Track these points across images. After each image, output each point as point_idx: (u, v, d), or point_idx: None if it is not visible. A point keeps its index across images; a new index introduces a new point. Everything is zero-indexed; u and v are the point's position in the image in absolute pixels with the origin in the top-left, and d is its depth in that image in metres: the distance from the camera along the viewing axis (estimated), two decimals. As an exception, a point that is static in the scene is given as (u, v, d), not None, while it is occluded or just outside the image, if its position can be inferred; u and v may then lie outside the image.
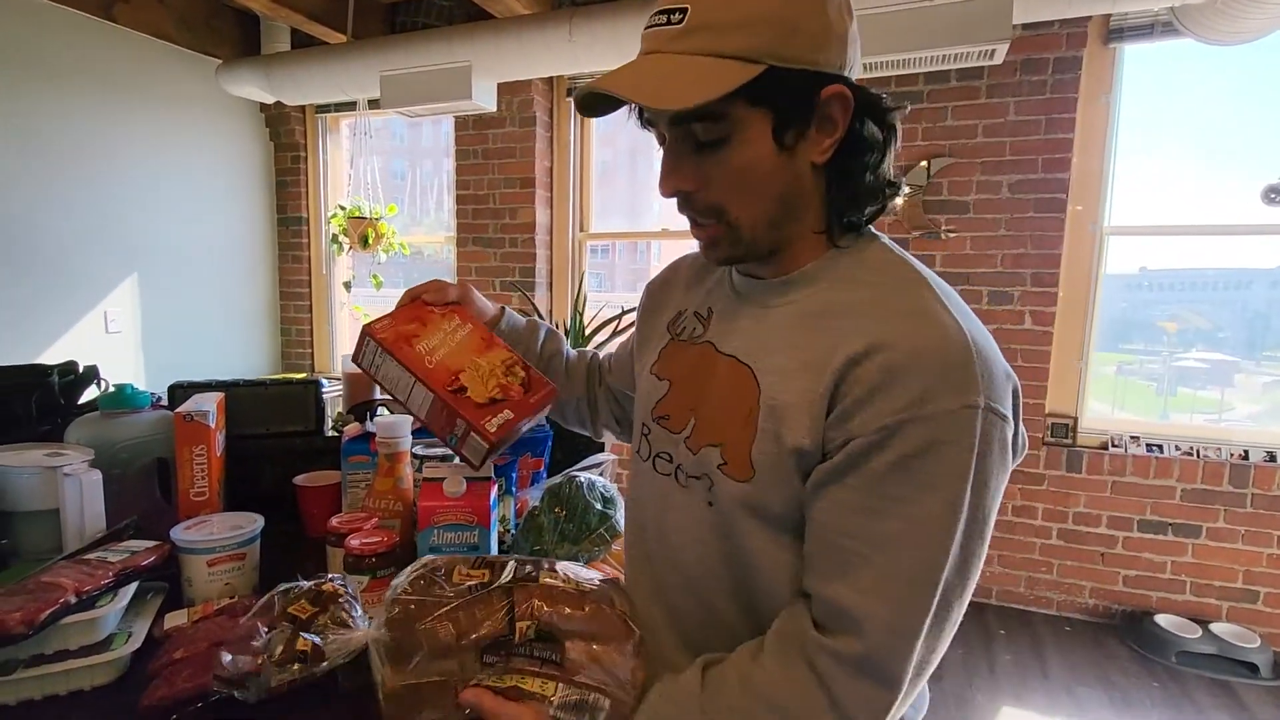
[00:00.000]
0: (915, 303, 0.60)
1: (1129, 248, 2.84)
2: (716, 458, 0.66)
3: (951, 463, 0.54)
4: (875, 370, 0.56)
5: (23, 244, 2.89)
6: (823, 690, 0.56)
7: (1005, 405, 0.57)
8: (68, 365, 1.23)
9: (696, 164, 0.63)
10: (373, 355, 0.84)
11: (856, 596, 0.56)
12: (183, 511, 1.03)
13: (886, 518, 0.56)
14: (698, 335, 0.75)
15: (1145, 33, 2.57)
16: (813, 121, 0.61)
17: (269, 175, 4.05)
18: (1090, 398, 2.84)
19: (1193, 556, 2.66)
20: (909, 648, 0.56)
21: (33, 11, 2.84)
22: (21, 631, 0.69)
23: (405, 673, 0.60)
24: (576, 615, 0.62)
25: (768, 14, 0.57)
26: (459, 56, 2.91)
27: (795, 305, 0.66)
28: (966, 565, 0.57)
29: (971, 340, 0.57)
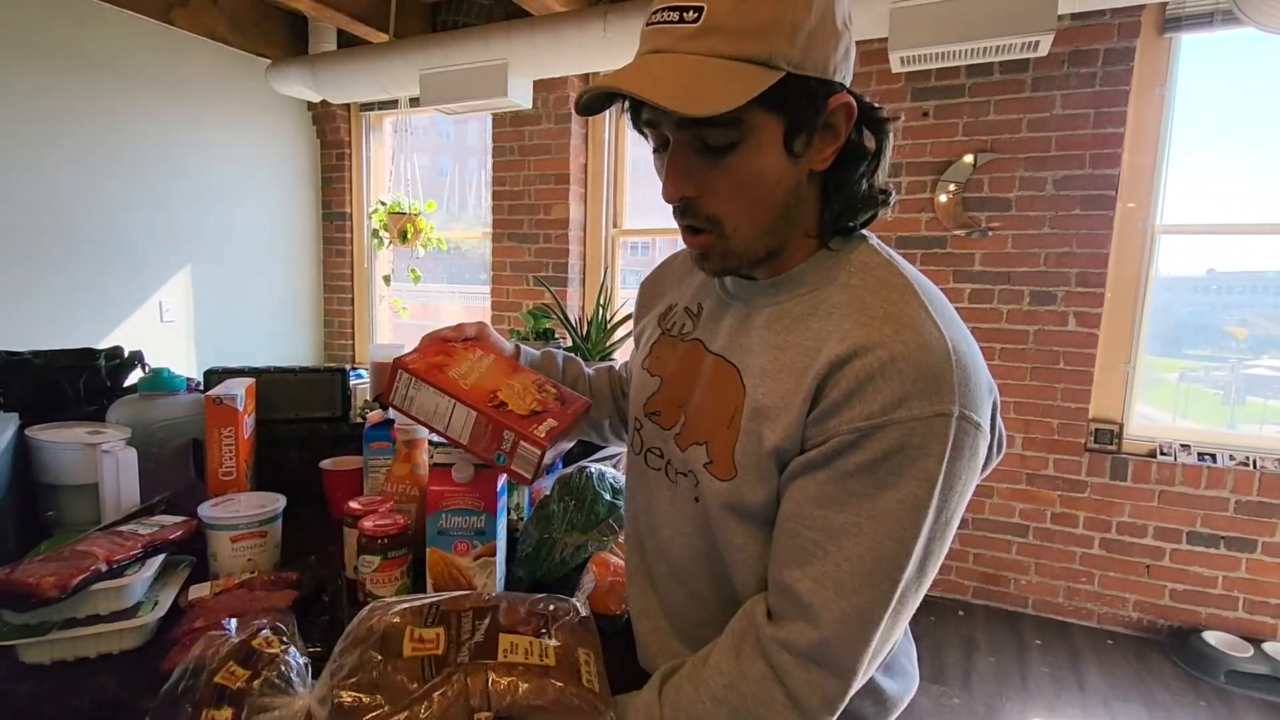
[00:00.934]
0: (898, 307, 0.59)
1: (1193, 249, 2.72)
2: (703, 456, 0.67)
3: (917, 466, 0.55)
4: (855, 374, 0.57)
5: (86, 237, 3.04)
6: (779, 685, 0.58)
7: (981, 414, 0.57)
8: (114, 350, 1.30)
9: (703, 169, 0.61)
10: (406, 388, 0.81)
11: (812, 586, 0.57)
12: (211, 489, 1.08)
13: (844, 510, 0.57)
14: (687, 332, 0.76)
15: (1204, 22, 2.46)
16: (818, 129, 0.61)
17: (315, 171, 4.18)
18: (1139, 403, 2.73)
19: (1246, 572, 2.53)
20: (864, 639, 0.57)
21: (96, 15, 2.99)
22: (55, 595, 0.73)
23: None
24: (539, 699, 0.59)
25: (785, 19, 0.56)
26: (496, 54, 2.95)
27: (779, 307, 0.67)
28: (926, 564, 0.58)
29: (952, 348, 0.57)
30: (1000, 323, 2.77)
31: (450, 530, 0.89)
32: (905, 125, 2.84)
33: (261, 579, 0.91)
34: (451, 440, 0.80)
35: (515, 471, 0.78)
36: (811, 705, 0.58)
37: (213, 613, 0.81)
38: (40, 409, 1.13)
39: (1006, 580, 2.87)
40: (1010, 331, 2.76)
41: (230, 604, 0.83)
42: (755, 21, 0.55)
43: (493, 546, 0.89)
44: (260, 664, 0.63)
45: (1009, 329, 2.76)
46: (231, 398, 1.06)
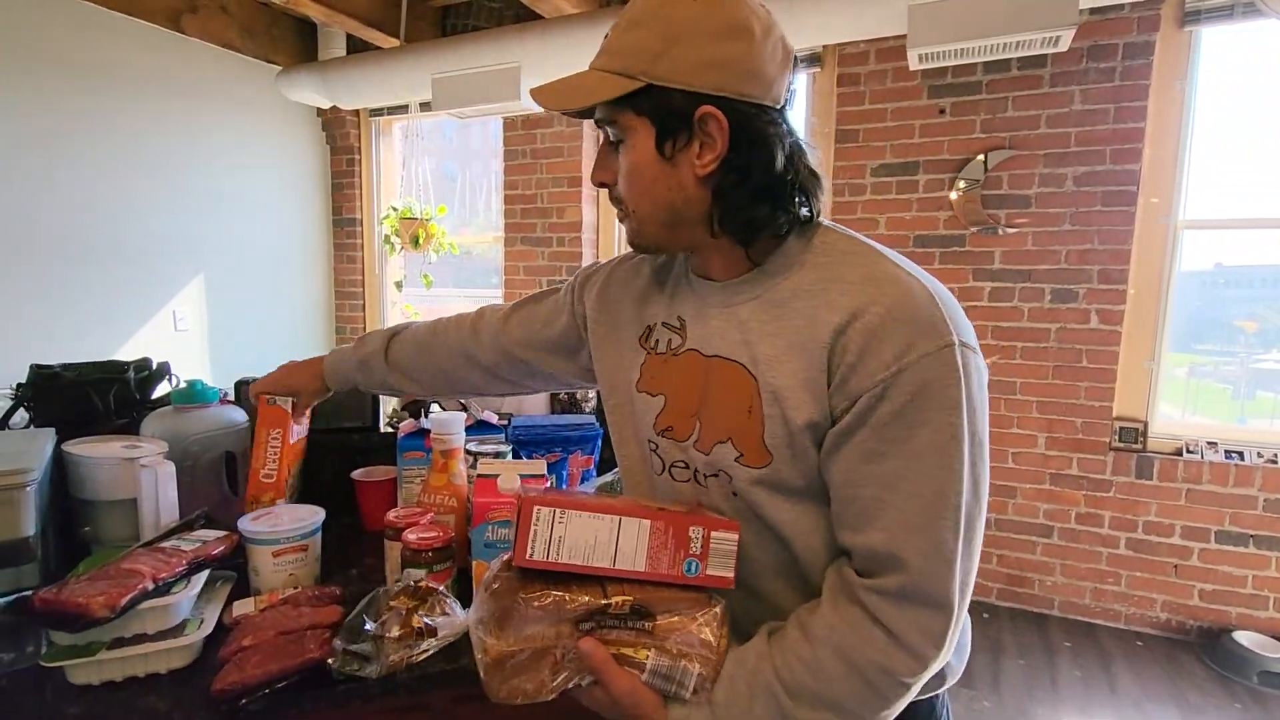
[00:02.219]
0: (872, 269, 0.66)
1: (1203, 243, 2.69)
2: (731, 452, 0.70)
3: (941, 397, 0.60)
4: (859, 335, 0.62)
5: (99, 246, 3.04)
6: (877, 626, 0.61)
7: (972, 339, 0.64)
8: (142, 362, 1.29)
9: (610, 161, 0.73)
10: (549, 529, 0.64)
11: (885, 536, 0.61)
12: (250, 490, 1.07)
13: (889, 459, 0.61)
14: (677, 346, 0.77)
15: (1225, 14, 2.43)
16: (694, 137, 0.67)
17: (325, 177, 4.18)
18: (1162, 401, 2.70)
19: (1276, 570, 2.50)
20: (949, 569, 0.61)
21: (106, 24, 2.98)
22: (105, 615, 0.72)
23: (505, 639, 0.62)
24: (665, 593, 0.65)
25: (646, 41, 0.65)
26: (508, 58, 2.94)
27: (760, 299, 0.71)
28: (977, 486, 0.62)
29: (932, 291, 0.64)
30: (1021, 321, 2.74)
31: (497, 543, 0.88)
32: (922, 123, 2.82)
33: (305, 594, 0.89)
34: (622, 574, 0.65)
35: (715, 576, 0.66)
36: (914, 641, 0.60)
37: (259, 630, 0.80)
38: (72, 422, 1.12)
39: (1032, 582, 2.84)
40: (1032, 330, 2.73)
41: (276, 620, 0.82)
42: (626, 44, 0.67)
43: (540, 558, 0.87)
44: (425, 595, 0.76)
45: (1030, 327, 2.73)
46: (285, 400, 1.07)
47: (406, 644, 0.74)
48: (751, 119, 0.66)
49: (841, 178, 2.95)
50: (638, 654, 0.63)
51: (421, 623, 0.75)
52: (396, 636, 0.74)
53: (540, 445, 1.28)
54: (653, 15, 0.66)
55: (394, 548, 0.95)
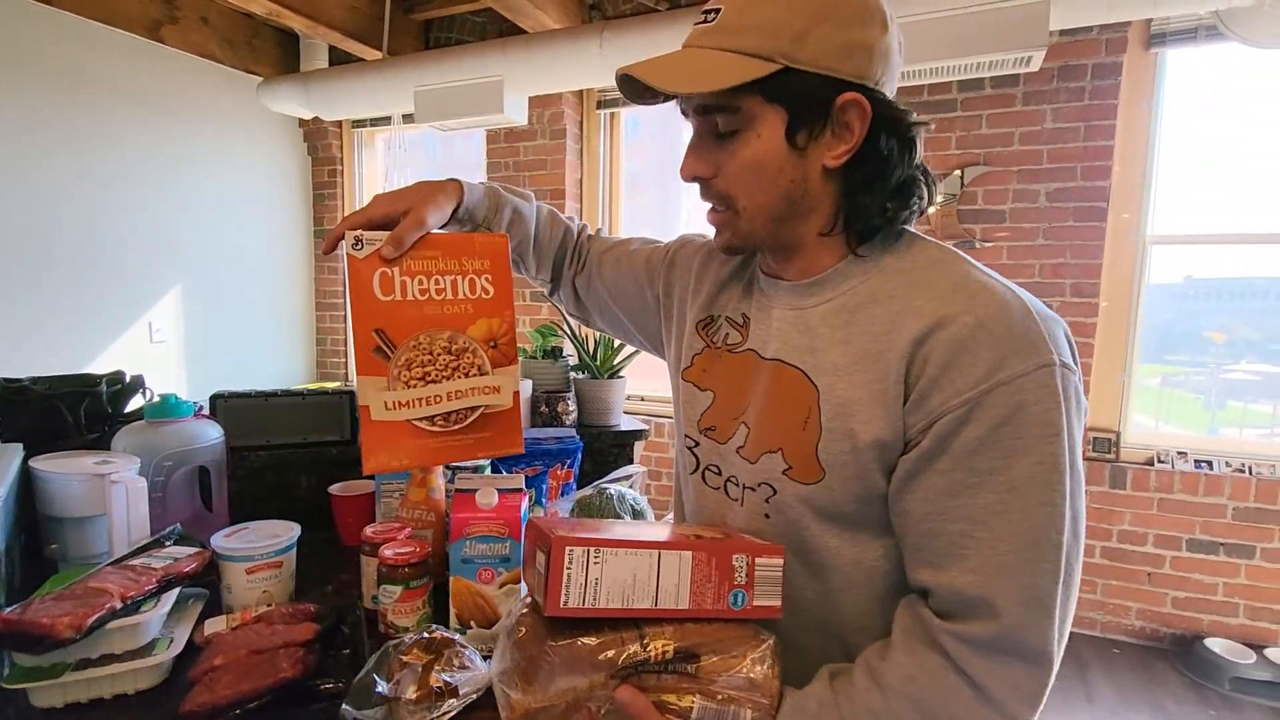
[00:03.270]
0: (962, 277, 0.60)
1: (1173, 256, 2.76)
2: (780, 463, 0.65)
3: (1040, 423, 0.54)
4: (944, 346, 0.56)
5: (73, 256, 2.99)
6: (960, 676, 0.55)
7: (1070, 358, 0.58)
8: (115, 375, 1.27)
9: (714, 152, 0.65)
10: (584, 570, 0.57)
11: (976, 579, 0.55)
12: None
13: (981, 491, 0.55)
14: (735, 343, 0.74)
15: (1189, 37, 2.51)
16: (828, 126, 0.62)
17: (306, 188, 4.15)
18: (1134, 411, 2.75)
19: (1246, 578, 2.55)
20: (1048, 619, 0.54)
21: (86, 34, 2.96)
22: (70, 635, 0.70)
23: (534, 693, 0.57)
24: (708, 630, 0.60)
25: (785, 18, 0.59)
26: (491, 71, 2.95)
27: (833, 302, 0.66)
28: (1077, 523, 0.56)
29: (1029, 304, 0.58)
30: (997, 334, 2.78)
31: (475, 558, 0.87)
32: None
33: (279, 611, 0.88)
34: (664, 614, 0.59)
35: (762, 606, 0.61)
36: (1004, 696, 0.54)
37: (231, 649, 0.79)
38: (41, 438, 1.10)
39: (1009, 591, 2.87)
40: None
41: (249, 639, 0.81)
42: (756, 20, 0.60)
43: (518, 573, 0.87)
44: (440, 648, 0.69)
45: (1006, 340, 2.77)
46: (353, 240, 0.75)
47: (426, 707, 0.66)
48: (892, 110, 0.63)
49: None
50: (681, 700, 0.57)
51: (440, 681, 0.67)
52: (414, 699, 0.66)
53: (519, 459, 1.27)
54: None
55: (370, 563, 0.94)
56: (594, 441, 1.50)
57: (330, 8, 3.14)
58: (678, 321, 0.84)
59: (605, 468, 1.43)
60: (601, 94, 3.48)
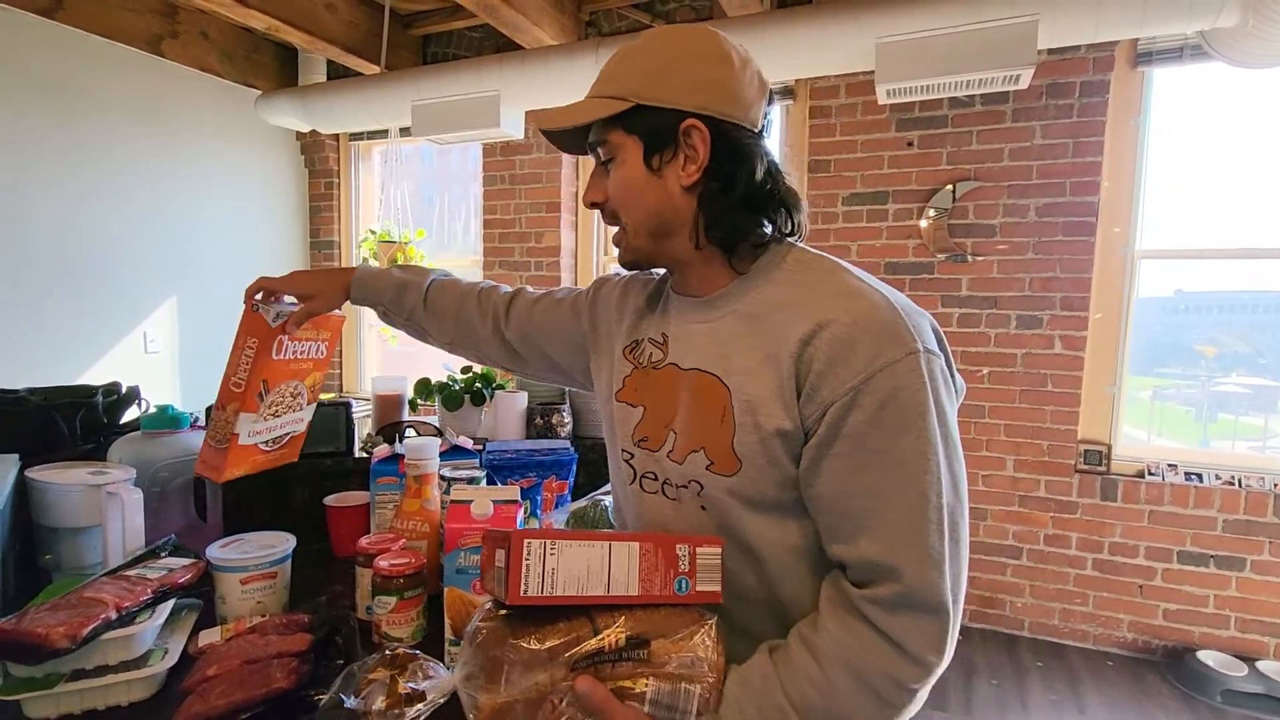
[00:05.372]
0: (839, 284, 0.70)
1: (1164, 270, 2.79)
2: (703, 460, 0.73)
3: (913, 403, 0.64)
4: (827, 344, 0.65)
5: (70, 267, 2.99)
6: (882, 638, 0.63)
7: (934, 345, 0.67)
8: (111, 386, 1.27)
9: (602, 180, 0.78)
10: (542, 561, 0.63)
11: (878, 546, 0.64)
12: (219, 397, 0.98)
13: (874, 469, 0.64)
14: (658, 360, 0.81)
15: (1174, 56, 2.55)
16: (679, 150, 0.73)
17: (303, 200, 4.17)
18: (1125, 424, 2.77)
19: (1236, 590, 2.56)
20: (939, 574, 0.63)
21: (86, 48, 2.97)
22: (65, 645, 0.71)
23: (498, 692, 0.60)
24: (656, 617, 0.65)
25: (638, 67, 0.74)
26: (488, 86, 2.98)
27: (736, 312, 0.75)
28: (956, 484, 0.66)
29: (894, 303, 0.68)
30: (989, 346, 2.81)
31: (469, 569, 0.88)
32: (891, 154, 2.90)
33: (273, 622, 0.89)
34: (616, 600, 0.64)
35: (704, 592, 0.67)
36: (919, 648, 0.62)
37: (225, 659, 0.79)
38: (37, 448, 1.10)
39: (1002, 603, 2.87)
40: (998, 355, 2.80)
41: (243, 649, 0.81)
42: (618, 71, 0.75)
43: (511, 583, 0.88)
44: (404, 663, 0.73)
45: (997, 352, 2.80)
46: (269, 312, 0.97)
47: (394, 713, 0.70)
48: (731, 133, 0.73)
49: (814, 206, 3.02)
50: (636, 685, 0.62)
51: (407, 689, 0.72)
52: (382, 709, 0.71)
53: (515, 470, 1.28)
54: (643, 48, 0.75)
55: (365, 574, 0.94)
56: (588, 453, 1.51)
57: (329, 23, 3.18)
58: (606, 353, 0.91)
59: (600, 479, 1.43)
60: (597, 108, 3.51)
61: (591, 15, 3.30)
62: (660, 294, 0.88)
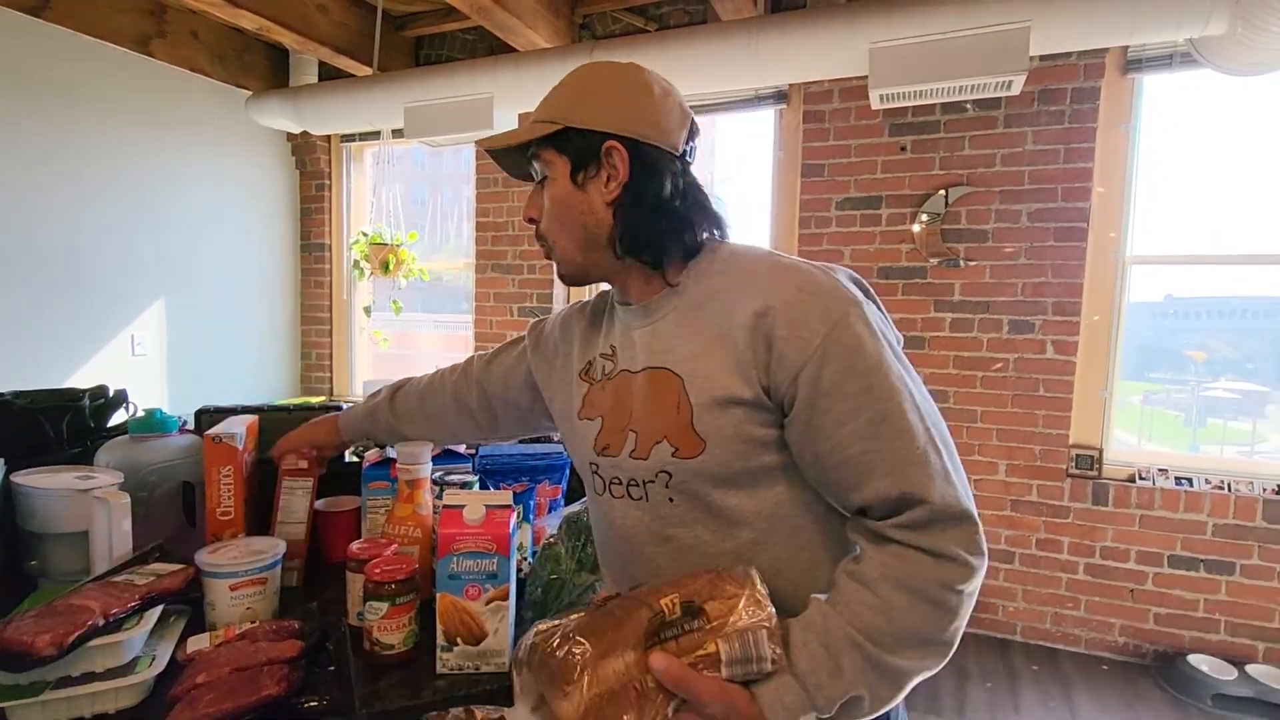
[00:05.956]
0: (772, 264, 0.78)
1: (1153, 275, 2.82)
2: (667, 448, 0.76)
3: (870, 344, 0.70)
4: (783, 311, 0.71)
5: (55, 268, 2.96)
6: (919, 552, 0.67)
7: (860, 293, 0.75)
8: (98, 389, 1.26)
9: (539, 198, 0.84)
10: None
11: (889, 481, 0.68)
12: (210, 529, 1.04)
13: (862, 412, 0.69)
14: (610, 371, 0.86)
15: (1164, 63, 2.57)
16: (601, 168, 0.79)
17: (294, 202, 4.15)
18: (1115, 428, 2.79)
19: (1226, 594, 2.58)
20: (951, 484, 0.68)
21: (74, 47, 2.95)
22: (51, 653, 0.70)
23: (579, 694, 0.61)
24: (694, 583, 0.67)
25: (568, 96, 0.82)
26: (481, 89, 2.97)
27: (677, 310, 0.81)
28: (929, 403, 0.72)
29: (823, 268, 0.76)
30: (981, 351, 2.82)
31: (462, 574, 0.87)
32: (884, 160, 2.91)
33: (263, 628, 0.88)
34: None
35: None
36: (955, 552, 0.66)
37: (214, 666, 0.78)
38: (23, 452, 1.09)
39: (995, 607, 2.88)
40: (991, 359, 2.81)
41: (232, 656, 0.80)
42: (552, 100, 0.83)
43: (505, 589, 0.87)
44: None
45: (989, 357, 2.81)
46: (231, 436, 1.04)
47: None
48: (648, 154, 0.80)
49: (807, 210, 3.02)
50: (707, 648, 0.63)
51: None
52: None
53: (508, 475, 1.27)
54: (574, 80, 0.83)
55: (356, 580, 0.93)
56: (582, 457, 1.50)
57: (321, 24, 3.16)
58: (560, 385, 0.95)
59: (593, 483, 1.43)
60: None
61: (585, 18, 3.30)
62: (601, 312, 0.93)
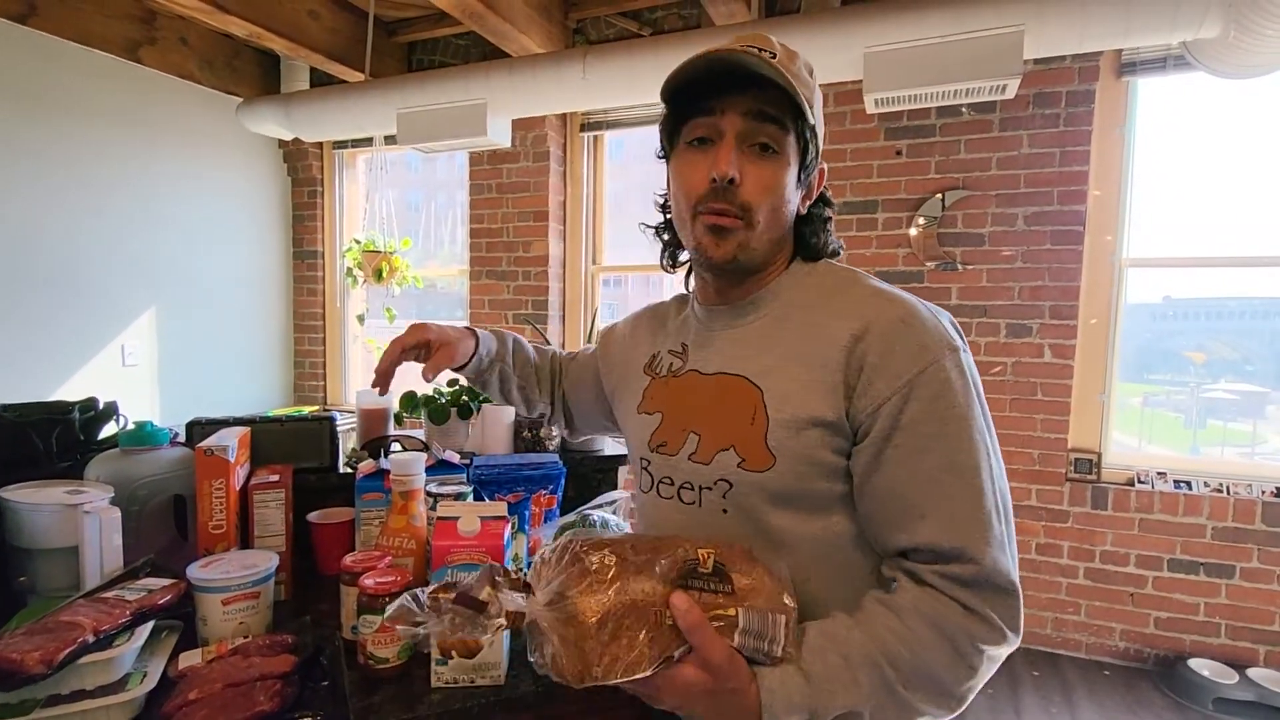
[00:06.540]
0: (870, 288, 0.75)
1: (1152, 277, 2.82)
2: (733, 458, 0.73)
3: (961, 394, 0.67)
4: (878, 340, 0.69)
5: (44, 277, 2.94)
6: (954, 602, 0.65)
7: (961, 341, 0.72)
8: (88, 402, 1.24)
9: (751, 162, 0.73)
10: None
11: (943, 531, 0.65)
12: (201, 543, 1.03)
13: (932, 457, 0.66)
14: (678, 369, 0.84)
15: (1158, 66, 2.58)
16: (811, 178, 0.79)
17: (286, 210, 4.13)
18: (1115, 431, 2.79)
19: (1226, 598, 2.57)
20: (1004, 554, 0.65)
21: (61, 54, 2.93)
22: (41, 671, 0.68)
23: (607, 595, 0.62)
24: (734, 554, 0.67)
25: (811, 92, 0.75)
26: (474, 94, 2.96)
27: (766, 317, 0.79)
28: (1000, 464, 0.69)
29: (925, 304, 0.73)
30: (979, 355, 2.82)
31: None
32: (880, 164, 2.91)
33: (256, 643, 0.86)
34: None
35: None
36: (992, 618, 0.64)
37: (206, 682, 0.77)
38: (11, 466, 1.07)
39: (993, 611, 2.86)
40: (989, 363, 2.81)
41: (225, 672, 0.79)
42: (803, 81, 0.74)
43: (502, 602, 0.85)
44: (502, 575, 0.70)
45: (987, 361, 2.81)
46: (223, 449, 1.02)
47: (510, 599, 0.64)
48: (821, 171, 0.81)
49: (803, 215, 3.02)
50: (728, 610, 0.63)
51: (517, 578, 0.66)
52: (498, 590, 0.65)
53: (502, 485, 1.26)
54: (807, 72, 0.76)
55: (350, 593, 0.92)
56: (577, 467, 1.48)
57: (312, 30, 3.16)
58: (626, 383, 0.94)
59: (589, 493, 1.41)
60: (585, 117, 3.51)
61: (578, 23, 3.30)
62: (672, 313, 0.93)
